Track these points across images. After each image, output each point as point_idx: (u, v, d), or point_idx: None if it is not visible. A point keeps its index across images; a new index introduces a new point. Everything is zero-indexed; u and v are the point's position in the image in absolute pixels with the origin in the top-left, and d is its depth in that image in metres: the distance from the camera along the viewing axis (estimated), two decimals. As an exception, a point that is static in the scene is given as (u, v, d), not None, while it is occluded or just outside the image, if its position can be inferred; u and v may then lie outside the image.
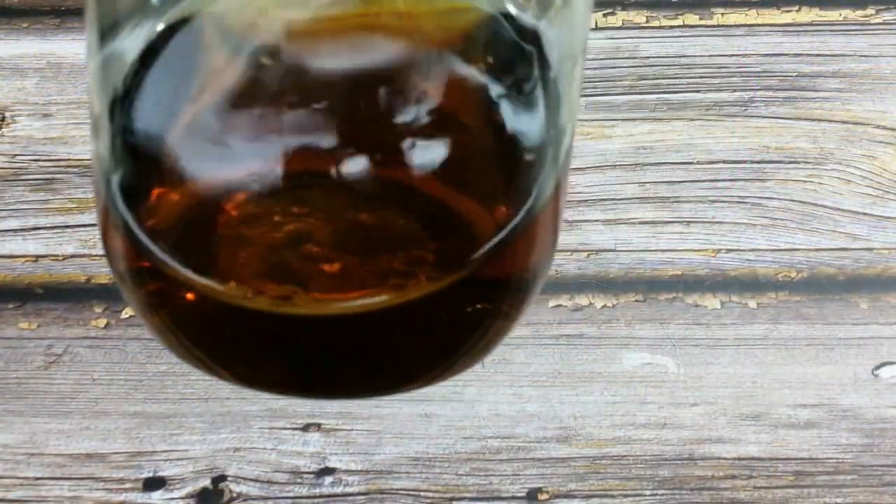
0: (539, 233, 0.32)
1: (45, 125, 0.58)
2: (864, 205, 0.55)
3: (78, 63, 0.60)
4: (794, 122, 0.57)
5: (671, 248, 0.54)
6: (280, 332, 0.31)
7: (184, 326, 0.32)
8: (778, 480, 0.48)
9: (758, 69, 0.59)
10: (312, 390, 0.34)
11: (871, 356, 0.51)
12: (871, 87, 0.58)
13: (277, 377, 0.33)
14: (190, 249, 0.31)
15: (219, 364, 0.33)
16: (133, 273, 0.32)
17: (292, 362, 0.32)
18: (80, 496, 0.48)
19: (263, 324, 0.31)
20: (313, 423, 0.49)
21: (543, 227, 0.32)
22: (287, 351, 0.32)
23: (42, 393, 0.50)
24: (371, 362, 0.32)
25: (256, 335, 0.31)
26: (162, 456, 0.49)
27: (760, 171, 0.56)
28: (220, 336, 0.32)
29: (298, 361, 0.32)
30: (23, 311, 0.52)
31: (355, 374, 0.32)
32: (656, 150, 0.57)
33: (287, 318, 0.30)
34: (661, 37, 0.60)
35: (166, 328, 0.32)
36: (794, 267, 0.53)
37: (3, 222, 0.55)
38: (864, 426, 0.49)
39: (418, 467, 0.48)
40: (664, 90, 0.58)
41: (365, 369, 0.32)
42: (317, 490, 0.48)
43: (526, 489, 0.48)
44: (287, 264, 0.30)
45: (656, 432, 0.49)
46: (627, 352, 0.51)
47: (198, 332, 0.32)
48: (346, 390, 0.34)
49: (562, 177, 0.32)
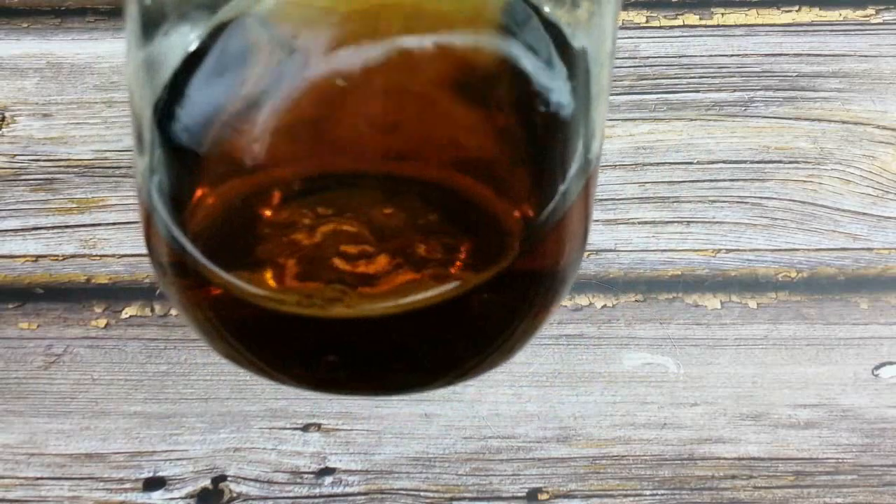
0: (570, 230, 0.32)
1: (45, 125, 0.58)
2: (864, 205, 0.55)
3: (78, 63, 0.60)
4: (794, 122, 0.57)
5: (671, 248, 0.54)
6: (331, 332, 0.31)
7: (233, 330, 0.32)
8: (778, 480, 0.48)
9: (758, 69, 0.59)
10: (358, 388, 0.35)
11: (871, 356, 0.51)
12: (871, 87, 0.58)
13: (326, 376, 0.33)
14: (235, 255, 0.31)
15: (270, 366, 0.33)
16: (176, 273, 0.32)
17: (342, 361, 0.32)
18: (80, 496, 0.48)
19: (316, 326, 0.31)
20: (313, 423, 0.49)
21: (574, 224, 0.32)
22: (335, 350, 0.32)
23: (42, 393, 0.50)
24: (416, 359, 0.32)
25: (308, 337, 0.32)
26: (162, 456, 0.49)
27: (760, 171, 0.56)
28: (271, 339, 0.32)
29: (346, 360, 0.32)
30: (23, 311, 0.52)
31: (399, 370, 0.32)
32: (656, 150, 0.57)
33: (338, 320, 0.31)
34: (661, 37, 0.60)
35: (213, 331, 0.33)
36: (794, 267, 0.53)
37: (3, 222, 0.55)
38: (864, 426, 0.49)
39: (418, 467, 0.49)
40: (664, 90, 0.58)
41: (410, 366, 0.33)
42: (317, 490, 0.48)
43: (526, 489, 0.48)
44: (333, 267, 0.30)
45: (656, 432, 0.49)
46: (627, 352, 0.51)
47: (247, 335, 0.32)
48: (386, 387, 0.34)
49: (592, 176, 0.32)
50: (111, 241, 0.54)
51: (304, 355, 0.32)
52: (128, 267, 0.53)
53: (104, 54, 0.60)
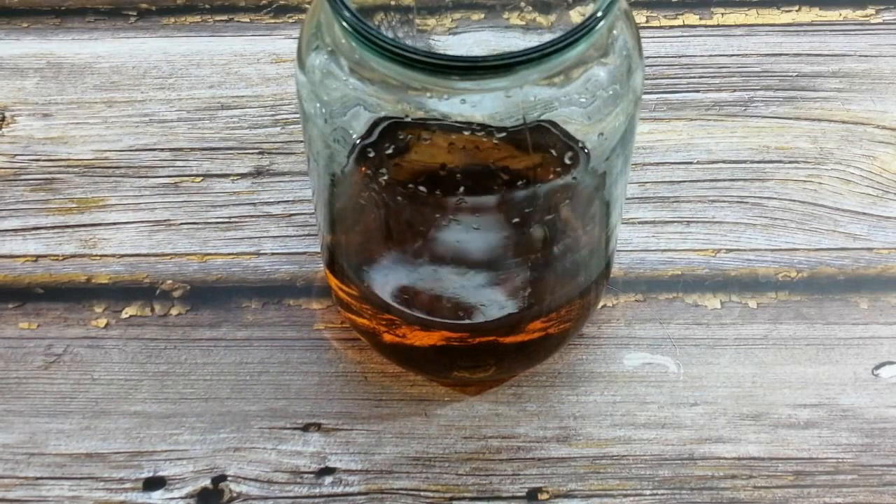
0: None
1: (45, 125, 0.58)
2: (864, 205, 0.55)
3: (78, 63, 0.60)
4: (794, 122, 0.57)
5: (671, 248, 0.54)
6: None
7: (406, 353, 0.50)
8: (778, 480, 0.48)
9: (758, 69, 0.59)
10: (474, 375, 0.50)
11: (871, 356, 0.51)
12: (871, 87, 0.58)
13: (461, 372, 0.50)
14: (407, 302, 0.47)
15: (429, 372, 0.51)
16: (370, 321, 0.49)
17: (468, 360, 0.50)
18: (80, 496, 0.48)
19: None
20: (313, 423, 0.49)
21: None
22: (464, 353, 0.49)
23: (42, 393, 0.50)
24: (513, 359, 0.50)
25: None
26: (162, 456, 0.49)
27: (760, 171, 0.56)
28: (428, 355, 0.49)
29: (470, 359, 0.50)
30: (23, 311, 0.52)
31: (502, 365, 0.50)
32: (656, 150, 0.57)
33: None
34: (661, 37, 0.60)
35: (393, 353, 0.50)
36: (794, 267, 0.53)
37: (3, 222, 0.55)
38: (864, 426, 0.49)
39: (418, 467, 0.49)
40: (664, 90, 0.58)
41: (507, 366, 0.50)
42: (317, 490, 0.48)
43: (526, 489, 0.48)
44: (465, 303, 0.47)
45: (656, 432, 0.49)
46: (627, 352, 0.51)
47: (413, 356, 0.50)
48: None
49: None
50: (111, 241, 0.54)
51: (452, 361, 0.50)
52: (128, 267, 0.53)
53: (104, 54, 0.60)
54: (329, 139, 0.42)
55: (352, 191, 0.45)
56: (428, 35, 0.48)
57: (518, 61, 0.37)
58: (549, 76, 0.39)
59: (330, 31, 0.40)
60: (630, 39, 0.41)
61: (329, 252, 0.48)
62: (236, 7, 0.62)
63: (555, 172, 0.42)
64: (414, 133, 0.41)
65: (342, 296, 0.49)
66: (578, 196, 0.44)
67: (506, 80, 0.38)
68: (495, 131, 0.40)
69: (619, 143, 0.42)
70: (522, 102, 0.39)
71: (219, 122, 0.58)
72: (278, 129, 0.57)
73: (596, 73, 0.40)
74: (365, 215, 0.45)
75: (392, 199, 0.43)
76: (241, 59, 0.60)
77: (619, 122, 0.42)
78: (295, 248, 0.54)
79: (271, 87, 0.59)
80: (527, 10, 0.47)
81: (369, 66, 0.39)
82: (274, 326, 0.52)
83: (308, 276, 0.53)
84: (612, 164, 0.43)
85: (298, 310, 0.52)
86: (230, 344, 0.51)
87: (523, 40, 0.47)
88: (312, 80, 0.41)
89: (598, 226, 0.46)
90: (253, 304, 0.52)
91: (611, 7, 0.38)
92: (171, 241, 0.54)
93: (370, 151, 0.42)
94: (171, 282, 0.53)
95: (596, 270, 0.48)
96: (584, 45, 0.38)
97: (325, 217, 0.47)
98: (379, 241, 0.46)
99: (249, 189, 0.55)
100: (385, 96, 0.40)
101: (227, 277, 0.53)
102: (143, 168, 0.56)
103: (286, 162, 0.56)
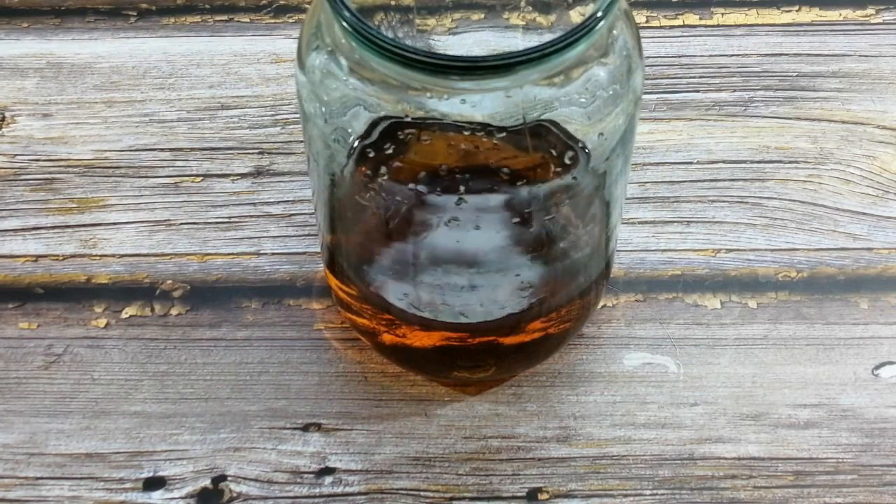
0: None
1: (45, 125, 0.58)
2: (864, 205, 0.55)
3: (78, 63, 0.60)
4: (794, 122, 0.57)
5: (671, 248, 0.54)
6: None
7: (411, 355, 0.50)
8: (778, 480, 0.48)
9: (758, 69, 0.59)
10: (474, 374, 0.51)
11: (871, 356, 0.51)
12: (871, 87, 0.58)
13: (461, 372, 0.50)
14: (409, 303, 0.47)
15: (428, 372, 0.51)
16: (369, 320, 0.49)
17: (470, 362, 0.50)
18: (80, 496, 0.48)
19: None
20: (313, 423, 0.49)
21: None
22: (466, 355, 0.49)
23: (42, 393, 0.50)
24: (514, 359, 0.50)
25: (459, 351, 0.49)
26: (162, 456, 0.49)
27: (760, 171, 0.56)
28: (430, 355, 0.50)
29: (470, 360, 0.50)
30: (23, 311, 0.52)
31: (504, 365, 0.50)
32: (656, 150, 0.57)
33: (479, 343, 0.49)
34: (661, 37, 0.60)
35: (393, 353, 0.50)
36: (794, 267, 0.53)
37: (3, 222, 0.55)
38: (864, 426, 0.49)
39: (418, 467, 0.49)
40: (664, 90, 0.58)
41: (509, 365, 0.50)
42: (317, 490, 0.48)
43: (526, 489, 0.48)
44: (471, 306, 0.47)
45: (656, 432, 0.49)
46: (627, 352, 0.51)
47: (413, 356, 0.50)
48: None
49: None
50: (111, 241, 0.54)
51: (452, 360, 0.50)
52: (128, 267, 0.53)
53: (104, 54, 0.60)
54: (329, 139, 0.42)
55: (352, 191, 0.45)
56: (428, 35, 0.48)
57: (518, 61, 0.37)
58: (549, 76, 0.39)
59: (330, 31, 0.40)
60: (630, 39, 0.41)
61: (329, 252, 0.48)
62: (236, 7, 0.62)
63: (555, 172, 0.42)
64: (414, 133, 0.41)
65: (342, 296, 0.49)
66: (578, 196, 0.44)
67: (506, 80, 0.38)
68: (495, 131, 0.40)
69: (619, 143, 0.42)
70: (522, 102, 0.39)
71: (219, 122, 0.58)
72: (278, 129, 0.57)
73: (596, 73, 0.40)
74: (365, 215, 0.45)
75: (392, 199, 0.43)
76: (241, 59, 0.60)
77: (620, 122, 0.42)
78: (295, 248, 0.54)
79: (271, 87, 0.59)
80: (527, 10, 0.47)
81: (369, 66, 0.39)
82: (274, 326, 0.52)
83: (308, 276, 0.53)
84: (612, 164, 0.43)
85: (298, 310, 0.52)
86: (230, 344, 0.51)
87: (523, 40, 0.47)
88: (312, 80, 0.41)
89: (598, 226, 0.45)
90: (253, 304, 0.52)
91: (611, 7, 0.38)
92: (171, 241, 0.54)
93: (370, 151, 0.42)
94: (171, 282, 0.53)
95: (596, 270, 0.48)
96: (584, 45, 0.38)
97: (324, 217, 0.47)
98: (379, 241, 0.46)
99: (249, 189, 0.55)
100: (385, 96, 0.40)
101: (227, 277, 0.53)
102: (143, 168, 0.56)
103: (286, 162, 0.56)
